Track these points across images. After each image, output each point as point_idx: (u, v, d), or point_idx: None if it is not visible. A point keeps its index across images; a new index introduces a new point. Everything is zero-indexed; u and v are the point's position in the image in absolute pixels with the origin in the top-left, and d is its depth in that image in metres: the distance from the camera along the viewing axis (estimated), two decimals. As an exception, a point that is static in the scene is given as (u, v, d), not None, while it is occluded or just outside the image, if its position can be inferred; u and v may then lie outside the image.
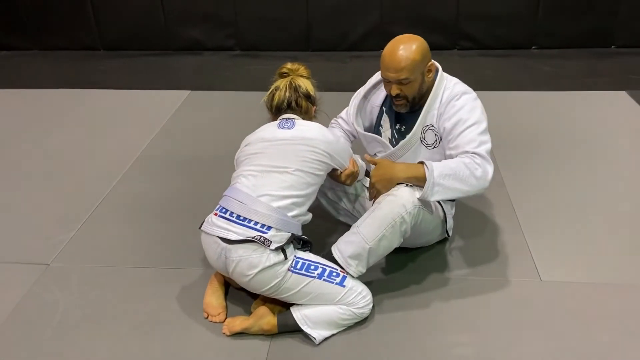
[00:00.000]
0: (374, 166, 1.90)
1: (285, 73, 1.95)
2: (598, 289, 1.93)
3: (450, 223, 2.10)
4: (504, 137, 2.98)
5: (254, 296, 1.89)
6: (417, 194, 1.78)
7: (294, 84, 1.91)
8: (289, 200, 1.75)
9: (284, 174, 1.76)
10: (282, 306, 1.82)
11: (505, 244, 2.17)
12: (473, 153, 1.79)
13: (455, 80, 1.94)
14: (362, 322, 1.80)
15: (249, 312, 1.85)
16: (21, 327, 1.84)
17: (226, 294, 1.94)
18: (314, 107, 1.97)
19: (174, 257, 2.16)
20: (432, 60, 1.89)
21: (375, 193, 1.86)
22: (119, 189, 2.65)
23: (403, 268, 2.05)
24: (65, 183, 2.71)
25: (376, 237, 1.75)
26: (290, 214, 1.75)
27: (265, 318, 1.78)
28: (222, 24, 4.58)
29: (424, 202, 1.81)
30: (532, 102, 3.48)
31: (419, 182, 1.79)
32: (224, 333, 1.79)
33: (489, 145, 1.83)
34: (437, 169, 1.75)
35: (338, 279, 1.75)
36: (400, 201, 1.75)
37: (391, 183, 1.82)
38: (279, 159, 1.78)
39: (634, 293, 1.90)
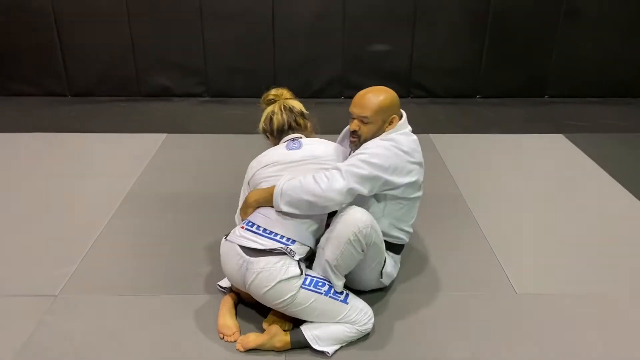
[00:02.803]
0: None
1: (272, 99, 2.17)
2: (567, 298, 2.22)
3: (388, 268, 2.13)
4: (463, 172, 3.34)
5: (264, 314, 2.04)
6: (368, 214, 1.90)
7: (287, 106, 2.13)
8: (310, 218, 1.94)
9: None
10: (290, 322, 1.98)
11: (481, 264, 2.44)
12: (334, 168, 1.92)
13: (405, 132, 2.07)
14: (366, 337, 1.97)
15: (259, 330, 1.99)
16: (39, 354, 1.88)
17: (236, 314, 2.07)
18: (309, 122, 2.19)
19: (178, 285, 2.27)
20: (396, 116, 2.04)
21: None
22: (114, 223, 2.73)
23: (395, 290, 2.25)
24: (59, 220, 2.75)
25: (337, 256, 1.88)
26: (310, 229, 1.94)
27: (277, 336, 1.91)
28: (192, 72, 4.79)
29: (374, 224, 1.91)
30: (482, 143, 3.88)
31: (267, 201, 1.95)
32: (238, 349, 1.91)
33: (360, 172, 1.89)
34: (286, 182, 1.92)
35: (342, 297, 1.93)
36: (352, 221, 1.86)
37: (246, 206, 2.00)
38: None
39: (599, 301, 2.21)
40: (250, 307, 2.09)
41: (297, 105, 2.16)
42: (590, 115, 4.58)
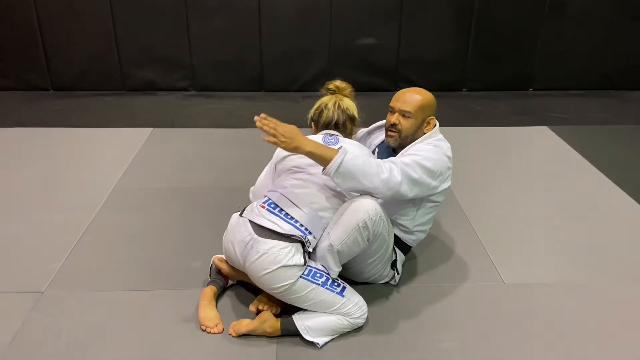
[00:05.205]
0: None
1: (333, 90, 2.17)
2: (554, 288, 2.25)
3: (398, 265, 2.19)
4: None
5: (249, 303, 2.05)
6: (379, 203, 1.90)
7: (342, 106, 2.12)
8: (329, 212, 1.96)
9: (333, 190, 1.98)
10: (279, 306, 2.00)
11: (469, 255, 2.46)
12: (393, 162, 1.93)
13: (441, 137, 2.14)
14: (357, 328, 1.97)
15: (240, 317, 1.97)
16: (26, 351, 1.86)
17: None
18: (355, 129, 2.20)
19: (165, 280, 2.25)
20: (434, 117, 2.13)
21: (273, 137, 1.79)
22: (100, 219, 2.70)
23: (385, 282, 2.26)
24: (45, 216, 2.72)
25: (343, 240, 1.88)
26: (325, 224, 1.95)
27: (268, 322, 1.92)
28: (177, 65, 4.74)
29: (384, 215, 1.93)
30: (469, 136, 3.91)
31: (323, 161, 1.83)
32: (230, 334, 1.93)
33: (413, 174, 1.93)
34: (350, 154, 1.84)
35: (339, 289, 1.93)
36: (363, 208, 1.86)
37: (293, 143, 1.80)
38: (329, 179, 1.95)
39: (586, 290, 2.24)
40: (236, 297, 2.09)
41: (352, 107, 2.14)
42: (574, 107, 4.63)
